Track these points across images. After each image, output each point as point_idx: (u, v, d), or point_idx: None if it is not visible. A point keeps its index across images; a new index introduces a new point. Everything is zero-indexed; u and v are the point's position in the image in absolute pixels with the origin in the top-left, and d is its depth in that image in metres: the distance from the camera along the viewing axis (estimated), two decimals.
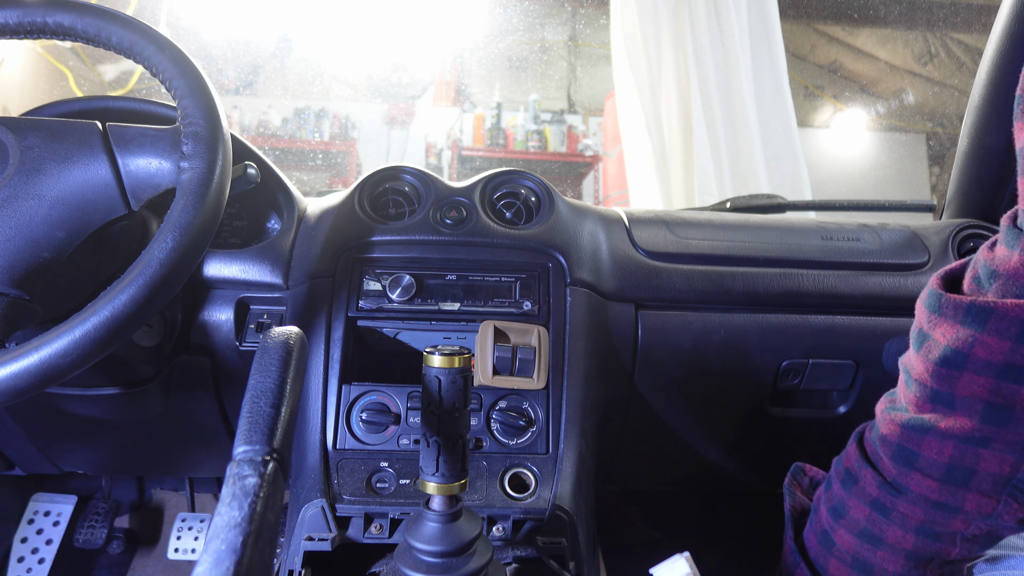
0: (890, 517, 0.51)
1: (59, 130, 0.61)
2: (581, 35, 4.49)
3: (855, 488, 0.54)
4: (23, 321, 0.56)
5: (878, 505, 0.52)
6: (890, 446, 0.51)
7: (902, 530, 0.50)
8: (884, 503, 0.51)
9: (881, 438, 0.52)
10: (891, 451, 0.50)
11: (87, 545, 1.35)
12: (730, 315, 0.87)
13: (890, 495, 0.51)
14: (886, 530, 0.51)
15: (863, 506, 0.53)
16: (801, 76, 4.58)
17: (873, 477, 0.52)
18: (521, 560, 0.66)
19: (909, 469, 0.49)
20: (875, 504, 0.52)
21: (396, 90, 4.39)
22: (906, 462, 0.49)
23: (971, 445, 0.46)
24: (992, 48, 0.93)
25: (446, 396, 0.54)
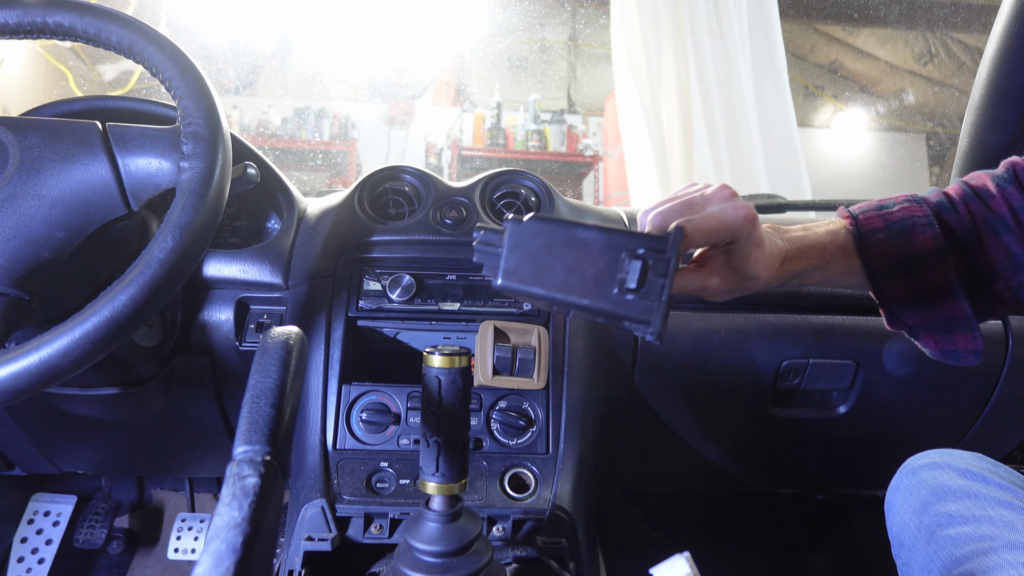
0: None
1: (59, 130, 0.61)
2: (581, 35, 4.49)
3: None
4: (23, 321, 0.56)
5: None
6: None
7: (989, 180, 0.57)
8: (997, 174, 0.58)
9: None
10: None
11: (87, 545, 1.35)
12: (730, 315, 0.87)
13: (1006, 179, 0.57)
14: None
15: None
16: (801, 76, 4.57)
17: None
18: (521, 560, 0.66)
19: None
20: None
21: (396, 90, 4.39)
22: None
23: None
24: (992, 48, 0.93)
25: (446, 396, 0.54)
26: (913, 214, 0.57)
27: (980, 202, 0.57)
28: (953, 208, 0.58)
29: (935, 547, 0.64)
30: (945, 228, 0.57)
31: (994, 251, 0.55)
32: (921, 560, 0.65)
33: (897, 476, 0.75)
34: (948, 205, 0.58)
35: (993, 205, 0.56)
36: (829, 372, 0.90)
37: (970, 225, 0.56)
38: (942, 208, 0.58)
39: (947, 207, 0.58)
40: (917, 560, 0.66)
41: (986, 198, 0.57)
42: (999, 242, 0.55)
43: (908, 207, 0.58)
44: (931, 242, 0.56)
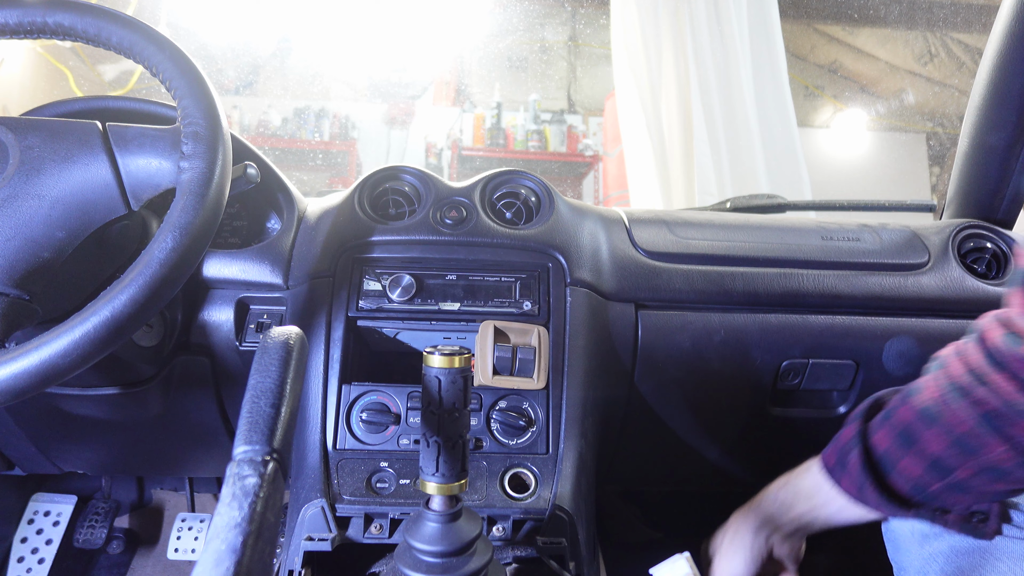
0: (963, 400, 0.51)
1: (59, 130, 0.61)
2: (581, 35, 4.49)
3: (940, 372, 0.54)
4: (23, 321, 0.56)
5: (956, 387, 0.52)
6: (985, 347, 0.51)
7: (967, 414, 0.51)
8: (964, 387, 0.52)
9: (980, 339, 0.52)
10: (985, 352, 0.51)
11: (87, 545, 1.35)
12: (730, 315, 0.87)
13: (973, 383, 0.51)
14: (951, 411, 0.52)
15: (940, 388, 0.53)
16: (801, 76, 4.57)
17: (961, 366, 0.53)
18: (521, 560, 0.66)
19: (997, 370, 0.50)
20: (953, 387, 0.52)
21: (396, 90, 4.39)
22: (996, 364, 0.50)
23: None
24: (992, 48, 0.93)
25: (446, 396, 0.54)
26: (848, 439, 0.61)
27: (905, 402, 0.56)
28: (884, 420, 0.59)
29: (931, 551, 0.64)
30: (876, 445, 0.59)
31: (933, 443, 0.54)
32: (917, 564, 0.65)
33: None
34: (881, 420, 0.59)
35: (920, 401, 0.55)
36: (829, 372, 0.90)
37: (902, 429, 0.57)
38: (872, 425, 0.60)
39: (878, 423, 0.59)
40: (914, 564, 0.66)
41: (912, 395, 0.56)
42: (935, 433, 0.54)
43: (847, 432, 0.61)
44: (857, 460, 0.59)
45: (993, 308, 0.53)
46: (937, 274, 0.91)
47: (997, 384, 0.49)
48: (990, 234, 0.98)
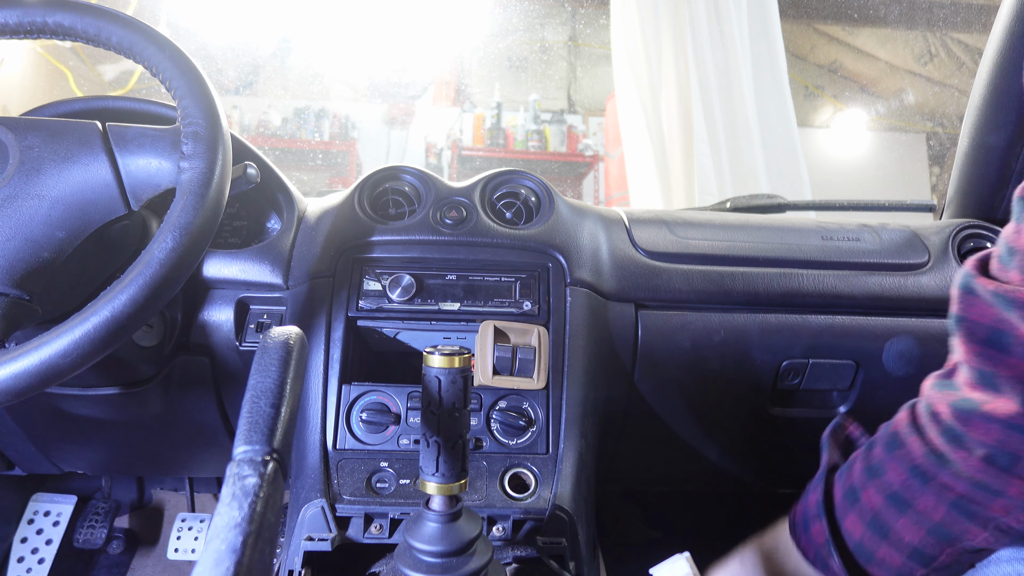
0: (927, 485, 0.49)
1: (59, 130, 0.61)
2: (581, 35, 4.49)
3: (898, 452, 0.52)
4: (23, 321, 0.56)
5: (918, 472, 0.50)
6: (939, 423, 0.49)
7: (936, 500, 0.49)
8: (926, 471, 0.50)
9: (932, 413, 0.50)
10: (940, 428, 0.49)
11: (87, 545, 1.35)
12: (730, 315, 0.87)
13: (934, 465, 0.49)
14: (919, 497, 0.50)
15: (902, 470, 0.51)
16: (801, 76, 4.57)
17: (920, 446, 0.50)
18: (521, 560, 0.66)
19: (956, 447, 0.47)
20: (915, 471, 0.50)
21: (396, 90, 4.39)
22: (953, 440, 0.48)
23: (1016, 431, 0.44)
24: (992, 48, 0.93)
25: (446, 396, 0.54)
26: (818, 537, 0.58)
27: (875, 480, 0.54)
28: (855, 499, 0.56)
29: None
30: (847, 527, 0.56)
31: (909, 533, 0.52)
32: None
33: None
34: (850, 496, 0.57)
35: (887, 480, 0.53)
36: (829, 372, 0.90)
37: (871, 516, 0.54)
38: (840, 508, 0.57)
39: (849, 500, 0.57)
40: None
41: (880, 472, 0.54)
42: (855, 512, 0.54)
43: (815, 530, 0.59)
44: (820, 536, 0.57)
45: None
46: (937, 274, 0.91)
47: (960, 464, 0.47)
48: (990, 234, 0.98)
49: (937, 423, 0.49)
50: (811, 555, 0.58)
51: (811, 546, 0.59)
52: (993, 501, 0.46)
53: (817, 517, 0.58)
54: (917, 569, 0.52)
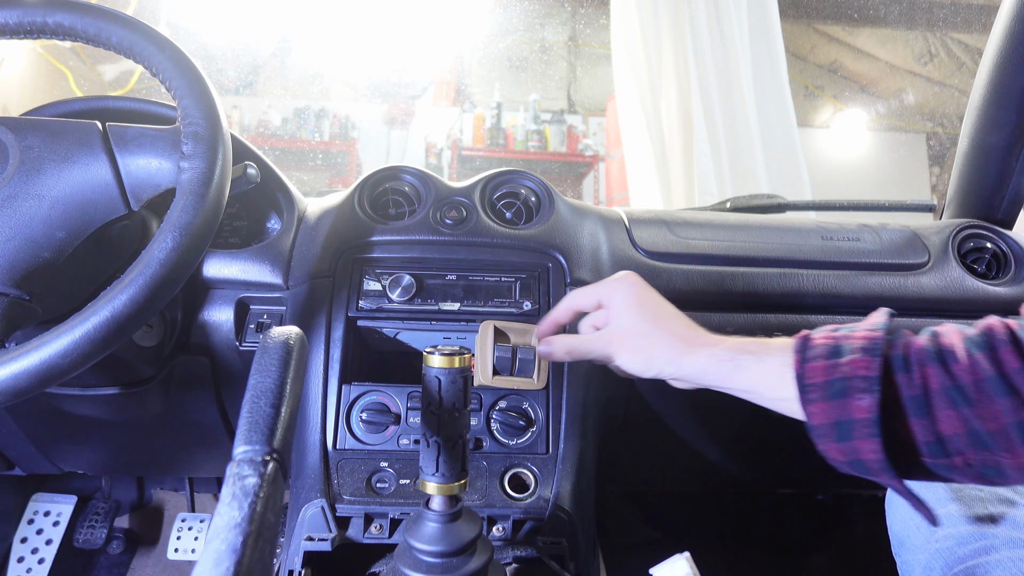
0: (1004, 396, 0.46)
1: (59, 130, 0.61)
2: (581, 35, 4.49)
3: (982, 354, 0.48)
4: (23, 321, 0.56)
5: (1000, 380, 0.46)
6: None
7: (1002, 412, 0.46)
8: (1012, 383, 0.46)
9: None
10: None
11: (87, 545, 1.35)
12: (730, 315, 0.87)
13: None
14: (985, 402, 0.46)
15: (979, 372, 0.47)
16: (801, 76, 4.57)
17: (1016, 359, 0.46)
18: (521, 560, 0.66)
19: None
20: (998, 378, 0.46)
21: (396, 90, 4.39)
22: None
23: None
24: (992, 48, 0.93)
25: (446, 396, 0.54)
26: (856, 371, 0.50)
27: (940, 366, 0.49)
28: (906, 367, 0.50)
29: (937, 546, 0.64)
30: (891, 390, 0.49)
31: (948, 423, 0.48)
32: (923, 559, 0.65)
33: None
34: (902, 362, 0.50)
35: (955, 371, 0.48)
36: None
37: (920, 392, 0.49)
38: (895, 364, 0.50)
39: (900, 364, 0.50)
40: (919, 559, 0.66)
41: (949, 361, 0.49)
42: (958, 415, 0.47)
43: (855, 361, 0.50)
44: (865, 411, 0.49)
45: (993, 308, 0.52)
46: (937, 274, 0.91)
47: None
48: (990, 234, 0.98)
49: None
50: (809, 378, 0.52)
51: (818, 373, 0.52)
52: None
53: (861, 351, 0.51)
54: (926, 454, 0.49)
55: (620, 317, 0.63)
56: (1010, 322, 0.49)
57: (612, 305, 0.64)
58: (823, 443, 0.52)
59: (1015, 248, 0.96)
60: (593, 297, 0.66)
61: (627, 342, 0.62)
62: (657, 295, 0.65)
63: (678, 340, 0.60)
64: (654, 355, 0.61)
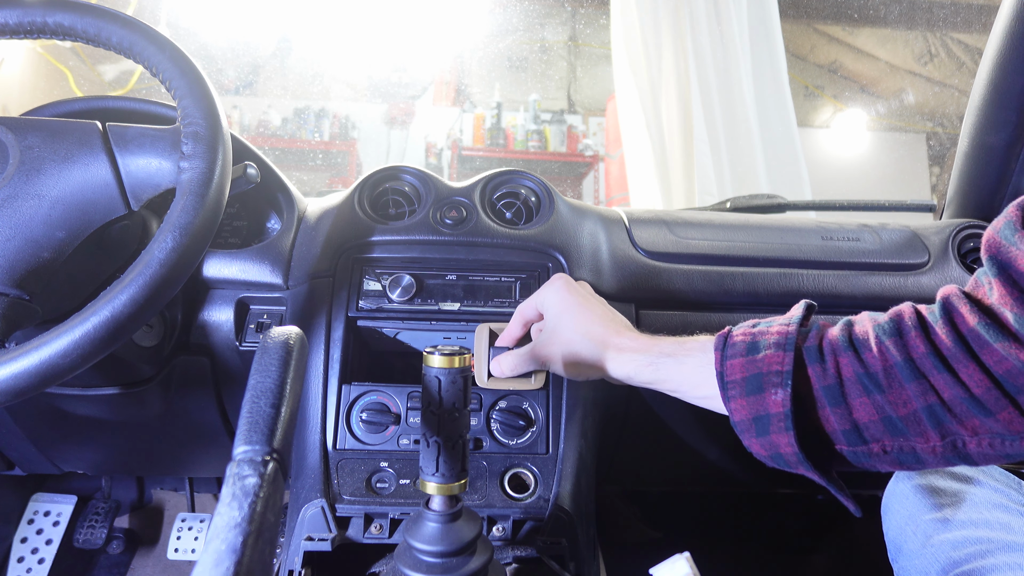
0: (914, 381, 0.46)
1: (59, 130, 0.61)
2: (581, 35, 4.49)
3: (891, 340, 0.48)
4: (23, 321, 0.56)
5: (909, 366, 0.47)
6: (956, 331, 0.46)
7: (913, 397, 0.46)
8: (919, 367, 0.46)
9: (949, 320, 0.46)
10: (955, 335, 0.46)
11: (87, 545, 1.35)
12: (730, 315, 0.87)
13: (932, 366, 0.46)
14: (896, 388, 0.47)
15: (889, 358, 0.48)
16: (801, 76, 4.58)
17: (923, 344, 0.47)
18: (521, 560, 0.66)
19: (968, 360, 0.45)
20: (907, 364, 0.47)
21: (396, 90, 4.39)
22: (968, 353, 0.45)
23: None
24: (992, 48, 0.93)
25: (446, 396, 0.54)
26: (771, 366, 0.50)
27: (853, 354, 0.49)
28: (820, 358, 0.50)
29: (932, 551, 0.64)
30: (804, 383, 0.50)
31: (863, 411, 0.48)
32: (919, 564, 0.65)
33: (893, 480, 0.75)
34: (816, 354, 0.51)
35: (867, 359, 0.48)
36: None
37: (834, 382, 0.49)
38: (808, 356, 0.51)
39: (814, 356, 0.51)
40: (915, 564, 0.66)
41: (861, 350, 0.49)
42: (871, 402, 0.48)
43: (769, 356, 0.51)
44: (779, 405, 0.49)
45: None
46: (937, 274, 0.91)
47: (965, 375, 0.44)
48: None
49: (953, 330, 0.46)
50: (728, 375, 0.53)
51: (737, 369, 0.53)
52: (974, 419, 0.45)
53: (775, 346, 0.51)
54: (843, 443, 0.49)
55: (550, 324, 0.67)
56: (920, 307, 0.50)
57: (546, 312, 0.69)
58: (746, 439, 0.53)
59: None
60: (532, 306, 0.71)
61: (556, 353, 0.66)
62: (583, 297, 0.68)
63: (601, 347, 0.63)
64: (580, 363, 0.64)
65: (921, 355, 0.46)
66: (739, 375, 0.52)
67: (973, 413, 0.45)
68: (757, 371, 0.51)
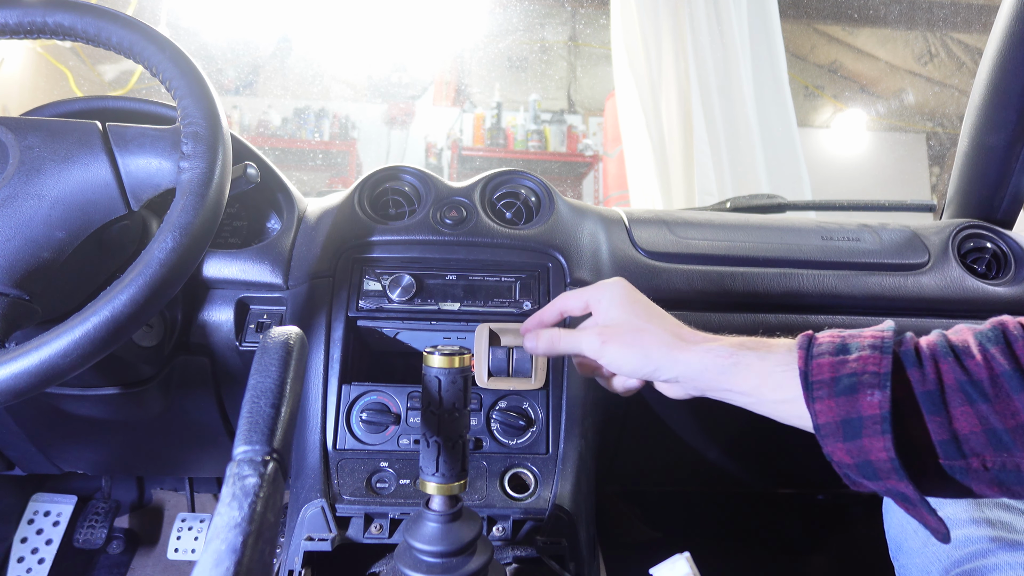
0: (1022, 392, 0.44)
1: (59, 130, 0.61)
2: (581, 35, 4.49)
3: (997, 348, 0.46)
4: (23, 321, 0.56)
5: (1019, 375, 0.44)
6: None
7: (1022, 408, 0.43)
8: None
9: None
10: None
11: (87, 545, 1.35)
12: (730, 315, 0.87)
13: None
14: (1004, 398, 0.44)
15: (996, 367, 0.45)
16: (801, 76, 4.58)
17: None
18: (521, 560, 0.66)
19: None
20: (1015, 373, 0.44)
21: (396, 90, 4.39)
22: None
23: None
24: (992, 48, 0.93)
25: (446, 396, 0.54)
26: (866, 367, 0.47)
27: (954, 360, 0.46)
28: (919, 363, 0.47)
29: (934, 550, 0.64)
30: (902, 387, 0.47)
31: (964, 421, 0.45)
32: (920, 563, 0.65)
33: None
34: (914, 358, 0.47)
35: (970, 367, 0.46)
36: None
37: (934, 387, 0.46)
38: (906, 360, 0.47)
39: (911, 360, 0.47)
40: (916, 563, 0.66)
41: (963, 357, 0.46)
42: (975, 411, 0.45)
43: (865, 357, 0.47)
44: (875, 407, 0.45)
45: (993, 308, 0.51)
46: (937, 274, 0.91)
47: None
48: (990, 234, 0.98)
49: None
50: (815, 375, 0.49)
51: (825, 369, 0.49)
52: None
53: (870, 348, 0.48)
54: (941, 456, 0.46)
55: (609, 312, 0.60)
56: (1023, 319, 0.48)
57: (599, 307, 0.61)
58: (829, 443, 0.48)
59: (1015, 248, 0.96)
60: (582, 299, 0.63)
61: (618, 336, 0.58)
62: (646, 298, 0.62)
63: (673, 336, 0.57)
64: (649, 349, 0.56)
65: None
66: (827, 375, 0.48)
67: None
68: (851, 371, 0.47)
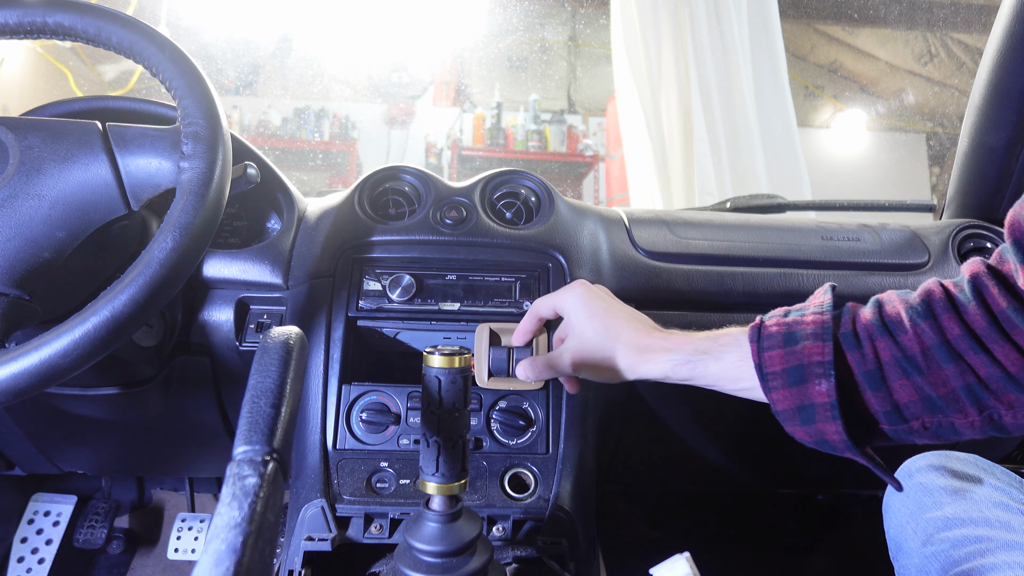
0: (951, 363, 0.48)
1: (59, 130, 0.61)
2: (581, 35, 4.49)
3: (926, 323, 0.49)
4: (23, 321, 0.56)
5: (946, 347, 0.48)
6: (988, 311, 0.47)
7: (950, 377, 0.48)
8: (955, 348, 0.48)
9: (980, 300, 0.48)
10: (988, 317, 0.47)
11: (87, 545, 1.35)
12: (730, 315, 0.87)
13: (968, 347, 0.47)
14: (935, 369, 0.48)
15: (927, 341, 0.49)
16: (801, 76, 4.57)
17: (957, 325, 0.48)
18: (521, 560, 0.66)
19: (1003, 340, 0.46)
20: (943, 346, 0.48)
21: (396, 90, 4.39)
22: (1000, 334, 0.46)
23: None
24: (992, 48, 0.93)
25: (446, 396, 0.54)
26: (812, 357, 0.51)
27: (889, 339, 0.50)
28: (858, 344, 0.51)
29: (933, 549, 0.64)
30: (845, 369, 0.51)
31: (903, 392, 0.50)
32: (919, 563, 0.65)
33: None
34: (852, 340, 0.52)
35: (903, 342, 0.50)
36: None
37: (874, 367, 0.51)
38: (846, 343, 0.52)
39: (851, 342, 0.52)
40: (915, 563, 0.66)
41: (896, 333, 0.50)
42: (911, 383, 0.49)
43: (809, 347, 0.52)
44: (824, 396, 0.50)
45: None
46: (937, 274, 0.91)
47: (1000, 354, 0.46)
48: (990, 234, 0.98)
49: (986, 311, 0.48)
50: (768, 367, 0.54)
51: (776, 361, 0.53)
52: (1010, 395, 0.47)
53: (812, 336, 0.52)
54: (885, 422, 0.52)
55: (575, 329, 0.66)
56: (948, 284, 0.51)
57: (567, 316, 0.68)
58: (789, 426, 0.54)
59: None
60: (550, 305, 0.69)
61: (587, 359, 0.65)
62: (607, 302, 0.67)
63: (634, 350, 0.62)
64: (615, 369, 0.63)
65: (956, 336, 0.48)
66: (779, 366, 0.53)
67: (1009, 389, 0.47)
68: (798, 362, 0.52)
